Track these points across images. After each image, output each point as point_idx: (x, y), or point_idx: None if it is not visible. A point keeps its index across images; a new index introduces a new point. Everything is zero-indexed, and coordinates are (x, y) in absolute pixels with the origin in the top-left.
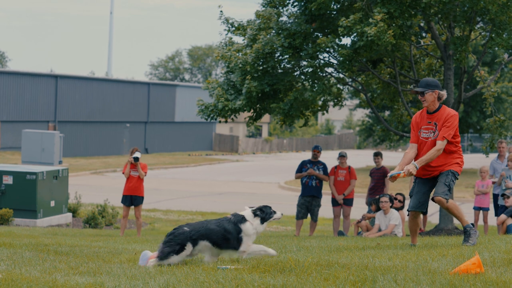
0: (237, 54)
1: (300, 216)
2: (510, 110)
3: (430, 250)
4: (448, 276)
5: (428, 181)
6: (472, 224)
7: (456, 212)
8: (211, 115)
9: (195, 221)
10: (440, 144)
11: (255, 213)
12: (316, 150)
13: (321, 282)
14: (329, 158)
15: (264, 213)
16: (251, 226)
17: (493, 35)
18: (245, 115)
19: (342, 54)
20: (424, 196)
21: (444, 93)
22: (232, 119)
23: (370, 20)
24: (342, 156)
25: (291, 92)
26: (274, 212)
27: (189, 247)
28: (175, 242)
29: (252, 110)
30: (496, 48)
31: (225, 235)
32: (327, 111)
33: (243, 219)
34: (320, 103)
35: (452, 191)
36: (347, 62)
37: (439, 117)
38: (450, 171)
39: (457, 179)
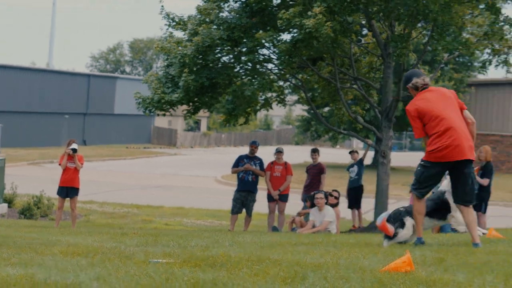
0: (177, 47)
1: (235, 210)
2: None
3: (362, 248)
4: (378, 274)
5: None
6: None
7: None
8: (149, 108)
9: (133, 214)
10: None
11: None
12: (254, 145)
13: (251, 278)
14: (267, 153)
15: None
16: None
17: (434, 35)
18: (183, 108)
19: (281, 49)
20: None
21: (414, 81)
22: (170, 112)
23: (309, 13)
24: (279, 152)
25: (230, 87)
26: None
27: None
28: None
29: (189, 104)
30: (445, 52)
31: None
32: (271, 107)
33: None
34: (261, 100)
35: (418, 183)
36: (287, 57)
37: None
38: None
39: (426, 166)
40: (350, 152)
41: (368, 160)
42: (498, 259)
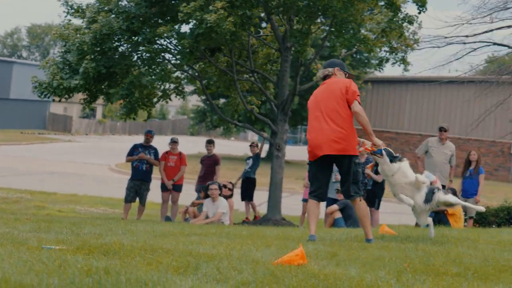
0: (75, 34)
1: (129, 199)
2: None
3: (255, 240)
4: (270, 266)
5: None
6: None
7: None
8: (45, 93)
9: (26, 200)
10: (361, 108)
11: None
12: (149, 134)
13: (144, 267)
14: (162, 143)
15: None
16: None
17: (333, 31)
18: (80, 96)
19: (183, 45)
20: None
21: (327, 70)
22: (66, 98)
23: (211, 7)
24: (173, 142)
25: (128, 75)
26: None
27: None
28: None
29: (87, 92)
30: (338, 44)
31: None
32: (170, 99)
33: None
34: (159, 93)
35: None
36: (188, 52)
37: None
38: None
39: (309, 165)
40: (250, 145)
41: (263, 153)
42: (391, 255)
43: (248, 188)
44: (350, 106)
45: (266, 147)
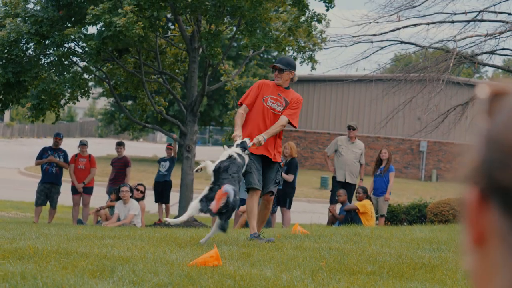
0: None
1: (40, 202)
2: None
3: (169, 242)
4: (186, 268)
5: (261, 158)
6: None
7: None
8: None
9: None
10: (284, 121)
11: None
12: (58, 137)
13: (60, 271)
14: (70, 145)
15: None
16: None
17: (243, 32)
18: None
19: (90, 46)
20: (261, 176)
21: (297, 76)
22: None
23: (120, 10)
24: (83, 145)
25: (36, 81)
26: None
27: None
28: None
29: None
30: (251, 49)
31: None
32: (78, 100)
33: None
34: (67, 94)
35: None
36: (95, 53)
37: (290, 96)
38: (279, 166)
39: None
40: (167, 147)
41: None
42: (305, 255)
43: (165, 190)
44: None
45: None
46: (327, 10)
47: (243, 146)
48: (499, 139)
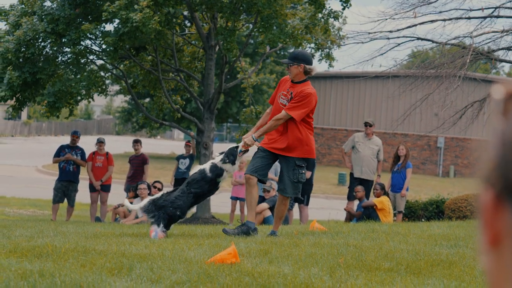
0: None
1: (57, 200)
2: None
3: (187, 239)
4: (204, 265)
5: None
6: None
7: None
8: None
9: None
10: (281, 115)
11: None
12: (75, 135)
13: (78, 268)
14: (88, 143)
15: None
16: None
17: (259, 28)
18: (8, 103)
19: (107, 42)
20: (262, 163)
21: (312, 67)
22: None
23: (136, 6)
24: (100, 142)
25: (53, 79)
26: None
27: None
28: None
29: (14, 99)
30: (267, 45)
31: None
32: (92, 99)
33: None
34: (83, 91)
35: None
36: (112, 50)
37: (297, 90)
38: (295, 164)
39: (305, 162)
40: (186, 144)
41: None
42: (323, 252)
43: None
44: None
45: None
46: (344, 9)
47: (230, 152)
48: None
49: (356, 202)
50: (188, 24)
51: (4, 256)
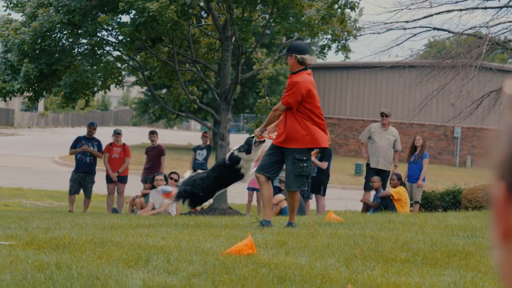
0: (15, 33)
1: (73, 191)
2: None
3: (204, 230)
4: (221, 256)
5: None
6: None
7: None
8: None
9: None
10: (277, 105)
11: None
12: (91, 127)
13: (94, 260)
14: (104, 134)
15: None
16: None
17: (276, 18)
18: (25, 95)
19: (124, 33)
20: (269, 160)
21: (306, 56)
22: (10, 98)
23: None
24: (117, 134)
25: (69, 70)
26: None
27: None
28: None
29: (31, 91)
30: (284, 35)
31: None
32: (109, 89)
33: None
34: (99, 82)
35: (306, 179)
36: (129, 41)
37: (288, 80)
38: (295, 157)
39: (307, 154)
40: (202, 135)
41: None
42: (339, 242)
43: None
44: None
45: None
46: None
47: (246, 142)
48: None
49: (373, 193)
50: (205, 15)
51: (21, 248)
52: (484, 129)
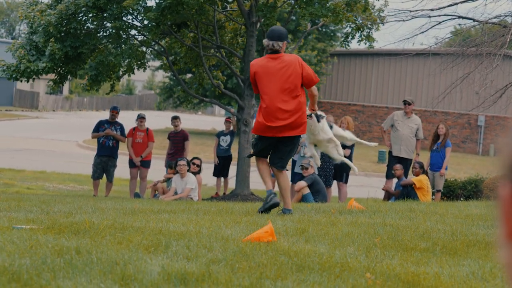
0: (40, 15)
1: (96, 176)
2: None
3: (225, 217)
4: (240, 243)
5: None
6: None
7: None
8: (14, 76)
9: None
10: None
11: None
12: (114, 110)
13: (114, 246)
14: (129, 118)
15: None
16: None
17: (300, 3)
18: (49, 77)
19: (149, 17)
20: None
21: (264, 41)
22: (34, 79)
23: None
24: (141, 118)
25: (95, 53)
26: None
27: None
28: None
29: (55, 73)
30: (309, 21)
31: None
32: (133, 73)
33: None
34: (124, 63)
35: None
36: (154, 25)
37: None
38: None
39: (255, 139)
40: (226, 120)
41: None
42: (360, 231)
43: (225, 165)
44: (307, 87)
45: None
46: None
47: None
48: None
49: (394, 181)
50: (230, 0)
51: (42, 232)
52: (508, 117)
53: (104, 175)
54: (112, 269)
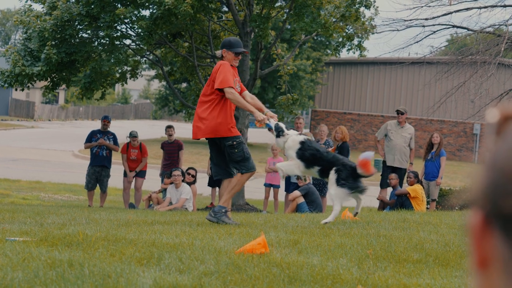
0: (36, 21)
1: (90, 186)
2: (307, 87)
3: (218, 228)
4: (233, 255)
5: None
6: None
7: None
8: (8, 81)
9: None
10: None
11: None
12: (106, 120)
13: (107, 258)
14: (124, 127)
15: None
16: None
17: (293, 16)
18: (42, 84)
19: (141, 26)
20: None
21: (218, 52)
22: (28, 86)
23: None
24: (133, 137)
25: (89, 62)
26: None
27: None
28: None
29: (49, 79)
30: (302, 33)
31: None
32: (126, 82)
33: None
34: (118, 74)
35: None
36: (147, 34)
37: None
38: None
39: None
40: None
41: None
42: (352, 242)
43: None
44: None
45: None
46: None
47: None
48: (503, 166)
49: (389, 190)
50: (226, 10)
51: (35, 245)
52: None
53: (98, 185)
54: (104, 282)
